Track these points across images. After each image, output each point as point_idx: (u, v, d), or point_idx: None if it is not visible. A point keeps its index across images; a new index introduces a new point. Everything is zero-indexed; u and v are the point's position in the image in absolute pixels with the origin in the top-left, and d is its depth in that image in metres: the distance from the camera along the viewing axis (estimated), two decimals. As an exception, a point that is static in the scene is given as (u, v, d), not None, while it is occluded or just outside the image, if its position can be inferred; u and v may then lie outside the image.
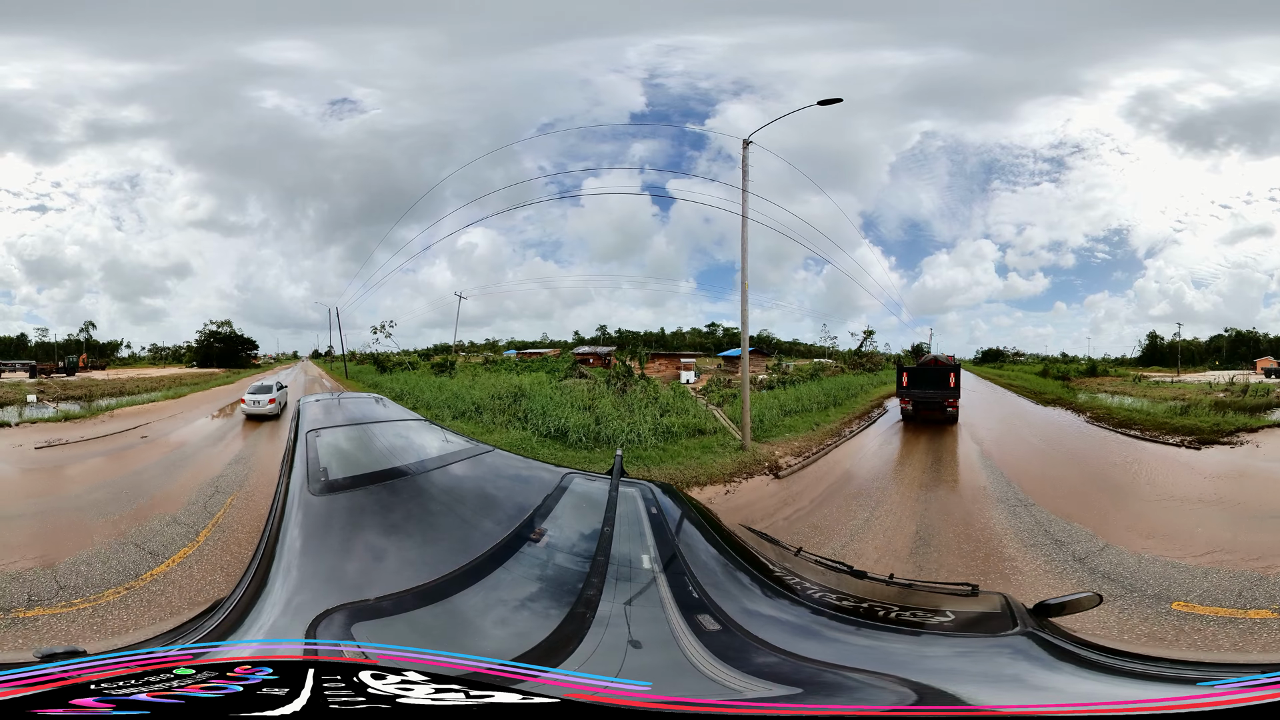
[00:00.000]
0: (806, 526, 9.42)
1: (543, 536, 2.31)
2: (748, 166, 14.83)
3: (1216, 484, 11.64)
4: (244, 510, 9.74)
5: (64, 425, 18.36)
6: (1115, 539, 8.26)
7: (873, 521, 9.56)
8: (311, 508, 2.34)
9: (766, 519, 9.86)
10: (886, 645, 1.75)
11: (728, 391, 23.58)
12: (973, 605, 2.17)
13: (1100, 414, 20.88)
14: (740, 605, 1.85)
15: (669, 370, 30.80)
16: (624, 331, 36.91)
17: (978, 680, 1.54)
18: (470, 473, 3.16)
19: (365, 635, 1.51)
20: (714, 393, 23.81)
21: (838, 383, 27.96)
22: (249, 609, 1.69)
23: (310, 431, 3.40)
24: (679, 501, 2.74)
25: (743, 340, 16.10)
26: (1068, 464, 14.09)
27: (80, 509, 9.72)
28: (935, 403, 19.58)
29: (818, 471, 13.70)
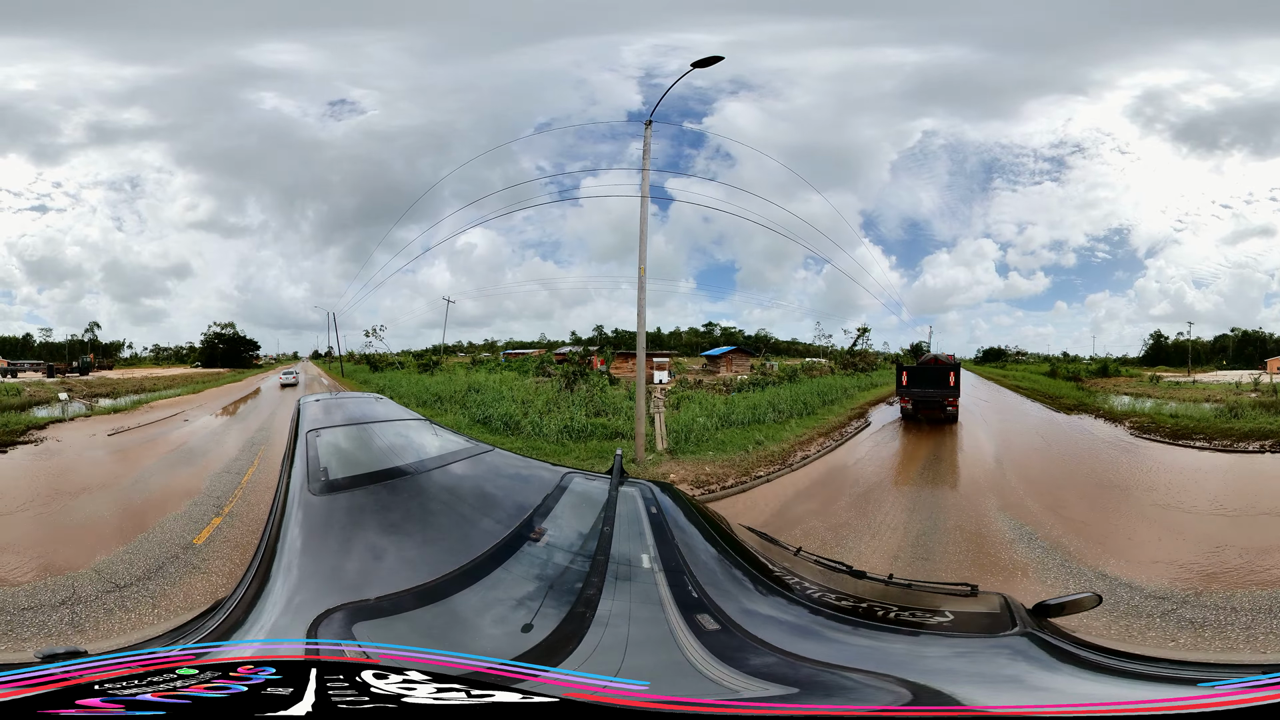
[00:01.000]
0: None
1: (543, 536, 2.32)
2: (649, 146, 14.97)
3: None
4: (274, 453, 14.35)
5: (114, 416, 21.76)
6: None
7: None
8: (312, 507, 2.35)
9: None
10: (885, 645, 1.75)
11: (683, 394, 23.02)
12: (972, 605, 2.18)
13: (1144, 423, 17.49)
14: (739, 605, 1.85)
15: (647, 370, 30.07)
16: (620, 331, 37.04)
17: (975, 680, 1.54)
18: (470, 472, 3.17)
19: (366, 635, 1.52)
20: (672, 394, 22.89)
21: (819, 385, 26.06)
22: (250, 609, 1.70)
23: (310, 431, 3.41)
24: (679, 501, 2.75)
25: (639, 339, 14.14)
26: (1184, 527, 8.81)
27: (173, 467, 13.83)
28: (935, 402, 19.45)
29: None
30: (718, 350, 35.14)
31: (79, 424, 20.14)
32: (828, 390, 25.48)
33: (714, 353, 34.83)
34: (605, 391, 22.90)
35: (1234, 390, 22.84)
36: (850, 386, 28.39)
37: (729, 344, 36.80)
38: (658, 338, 38.24)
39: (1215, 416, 17.73)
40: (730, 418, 18.26)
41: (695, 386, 25.34)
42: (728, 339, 37.17)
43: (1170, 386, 27.02)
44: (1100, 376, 30.89)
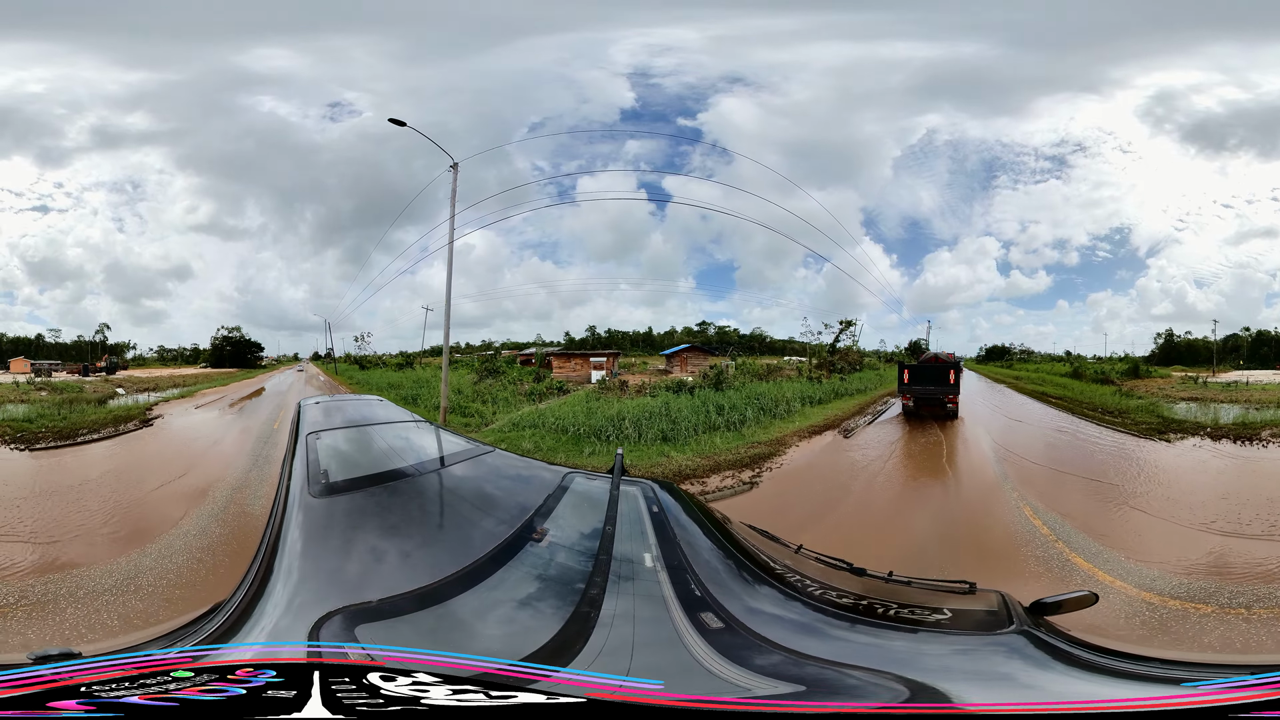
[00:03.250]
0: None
1: (545, 536, 2.33)
2: (456, 188, 15.77)
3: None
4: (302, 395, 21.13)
5: (181, 400, 26.02)
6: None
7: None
8: (312, 510, 2.34)
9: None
10: (886, 643, 1.77)
11: (586, 393, 22.45)
12: (970, 603, 2.20)
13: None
14: (742, 603, 1.87)
15: (583, 370, 29.34)
16: (613, 331, 37.12)
17: (972, 679, 1.57)
18: (471, 473, 3.16)
19: (369, 637, 1.51)
20: (572, 395, 22.60)
21: (750, 393, 20.89)
22: (249, 611, 1.68)
23: (310, 434, 3.38)
24: (680, 499, 2.76)
25: (444, 352, 16.64)
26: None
27: (249, 425, 19.73)
28: (936, 399, 19.55)
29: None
30: (673, 349, 34.90)
31: (172, 404, 24.71)
32: (767, 399, 20.20)
33: (670, 351, 34.66)
34: (507, 389, 24.97)
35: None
36: (793, 397, 21.46)
37: (726, 343, 36.69)
38: (649, 337, 38.31)
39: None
40: (585, 423, 16.67)
41: (618, 389, 23.20)
42: (721, 338, 37.03)
43: (1226, 388, 22.97)
44: (1132, 378, 27.78)
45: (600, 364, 29.50)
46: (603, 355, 30.61)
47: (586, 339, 37.27)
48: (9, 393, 22.47)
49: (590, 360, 29.56)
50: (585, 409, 18.58)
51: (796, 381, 25.91)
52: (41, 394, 22.96)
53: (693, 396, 20.25)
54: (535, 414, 18.59)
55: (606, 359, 30.30)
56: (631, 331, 37.60)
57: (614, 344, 35.59)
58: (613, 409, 17.99)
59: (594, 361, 29.53)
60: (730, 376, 24.99)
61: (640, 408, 17.88)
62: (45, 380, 26.86)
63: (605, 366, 29.60)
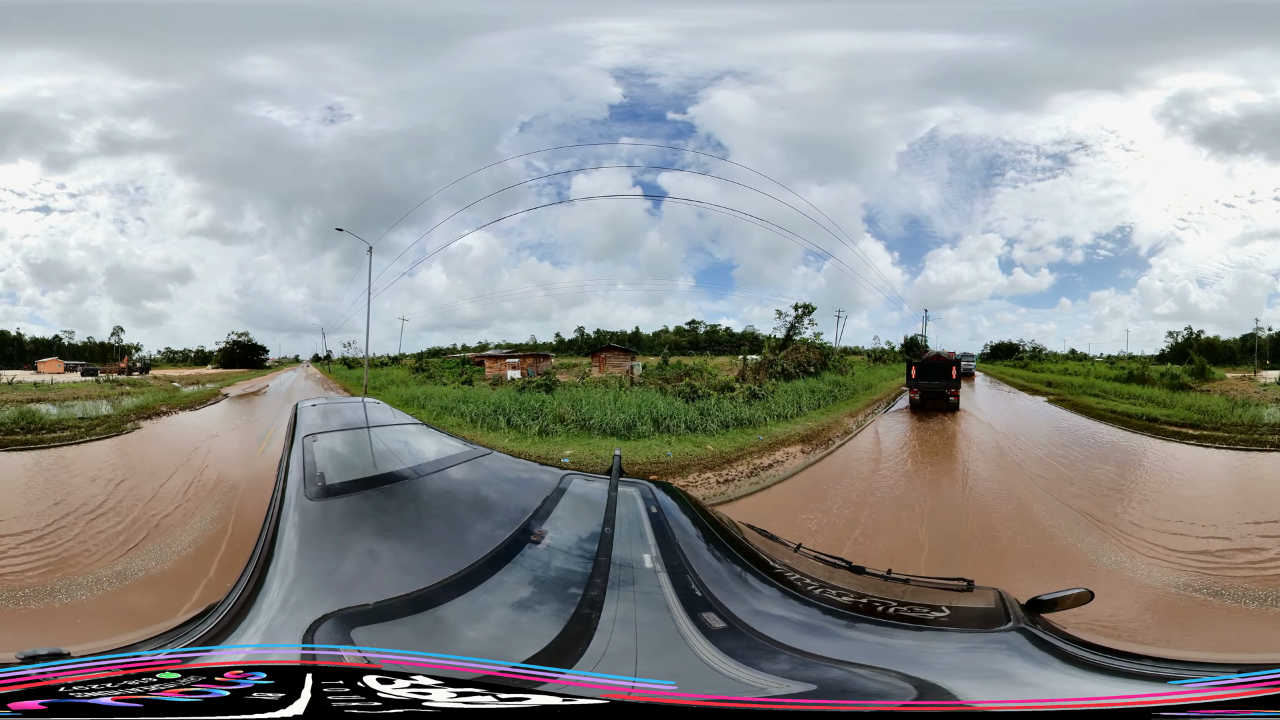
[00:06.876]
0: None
1: (543, 538, 2.31)
2: (371, 268, 16.95)
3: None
4: (308, 390, 28.40)
5: (227, 388, 29.64)
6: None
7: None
8: (308, 513, 2.32)
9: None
10: (887, 641, 1.77)
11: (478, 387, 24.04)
12: (968, 600, 2.21)
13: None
14: (743, 602, 1.87)
15: (503, 369, 31.86)
16: (602, 332, 37.24)
17: (974, 676, 1.58)
18: (468, 476, 3.14)
19: (366, 639, 1.50)
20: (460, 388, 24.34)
21: (574, 398, 19.03)
22: (242, 614, 1.67)
23: (307, 436, 3.35)
24: (678, 500, 2.75)
25: (364, 358, 19.95)
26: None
27: (292, 390, 26.99)
28: (939, 393, 21.53)
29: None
30: (597, 350, 35.51)
31: (224, 390, 29.22)
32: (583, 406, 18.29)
33: (592, 352, 35.43)
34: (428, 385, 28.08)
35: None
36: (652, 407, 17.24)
37: (715, 341, 36.94)
38: (636, 337, 38.48)
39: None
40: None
41: (519, 385, 24.43)
42: (711, 337, 37.06)
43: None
44: (1201, 379, 23.86)
45: (515, 364, 32.58)
46: (517, 356, 33.57)
47: (575, 339, 37.52)
48: (108, 390, 25.72)
49: (506, 361, 32.90)
50: (462, 395, 21.83)
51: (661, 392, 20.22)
52: (124, 389, 26.11)
53: (550, 395, 20.81)
54: (424, 395, 23.18)
55: (521, 359, 33.12)
56: (619, 331, 37.69)
57: (601, 343, 35.82)
58: (493, 398, 20.63)
59: (509, 363, 32.83)
60: (639, 377, 25.32)
61: (507, 397, 20.49)
62: (108, 378, 28.49)
63: (520, 367, 32.36)
